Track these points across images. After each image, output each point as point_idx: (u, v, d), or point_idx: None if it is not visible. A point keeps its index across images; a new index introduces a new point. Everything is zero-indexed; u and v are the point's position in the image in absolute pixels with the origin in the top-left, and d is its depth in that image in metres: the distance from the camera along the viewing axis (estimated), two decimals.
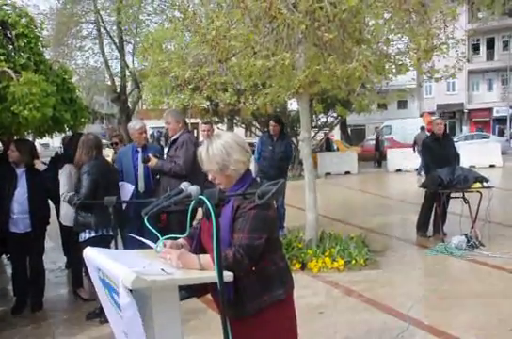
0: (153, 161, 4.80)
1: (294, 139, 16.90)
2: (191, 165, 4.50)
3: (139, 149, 5.17)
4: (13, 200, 4.37)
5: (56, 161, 5.14)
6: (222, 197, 1.68)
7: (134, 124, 5.27)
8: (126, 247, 4.60)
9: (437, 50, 5.41)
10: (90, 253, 2.06)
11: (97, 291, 2.10)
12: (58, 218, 5.97)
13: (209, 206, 1.64)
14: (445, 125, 7.31)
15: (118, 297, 1.81)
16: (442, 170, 6.20)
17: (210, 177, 2.12)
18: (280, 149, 7.09)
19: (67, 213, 4.71)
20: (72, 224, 4.26)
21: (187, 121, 17.40)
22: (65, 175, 4.55)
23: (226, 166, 2.06)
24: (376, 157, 21.21)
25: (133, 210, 4.78)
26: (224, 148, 2.06)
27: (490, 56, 34.26)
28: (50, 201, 4.89)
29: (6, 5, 5.16)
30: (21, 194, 4.40)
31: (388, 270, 5.35)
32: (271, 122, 7.29)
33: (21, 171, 4.47)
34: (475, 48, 34.26)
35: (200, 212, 2.23)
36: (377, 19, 5.34)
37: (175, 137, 4.84)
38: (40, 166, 4.73)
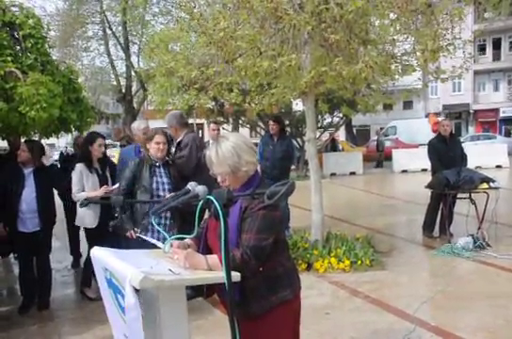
0: None
1: (299, 139, 16.89)
2: (193, 165, 4.65)
3: (142, 149, 5.16)
4: (21, 199, 4.38)
5: (66, 160, 5.16)
6: (230, 197, 1.68)
7: (137, 124, 5.25)
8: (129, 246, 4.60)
9: (443, 51, 5.39)
10: (98, 253, 2.06)
11: (101, 292, 2.11)
12: (66, 217, 5.97)
13: (217, 206, 1.64)
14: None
15: (122, 298, 1.81)
16: (448, 171, 6.19)
17: (219, 179, 2.08)
18: (280, 148, 6.95)
19: (79, 214, 4.70)
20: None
21: (192, 121, 17.37)
22: (76, 175, 4.57)
23: (237, 168, 2.02)
24: (381, 158, 21.15)
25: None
26: (234, 149, 2.02)
27: (497, 57, 34.05)
28: (56, 201, 4.91)
29: (13, 6, 5.19)
30: (28, 194, 4.41)
31: (394, 271, 5.33)
32: (270, 122, 7.22)
33: (28, 171, 4.48)
34: (482, 48, 34.05)
35: (206, 211, 2.22)
36: (383, 19, 5.32)
37: (180, 139, 4.92)
38: (45, 160, 4.73)
